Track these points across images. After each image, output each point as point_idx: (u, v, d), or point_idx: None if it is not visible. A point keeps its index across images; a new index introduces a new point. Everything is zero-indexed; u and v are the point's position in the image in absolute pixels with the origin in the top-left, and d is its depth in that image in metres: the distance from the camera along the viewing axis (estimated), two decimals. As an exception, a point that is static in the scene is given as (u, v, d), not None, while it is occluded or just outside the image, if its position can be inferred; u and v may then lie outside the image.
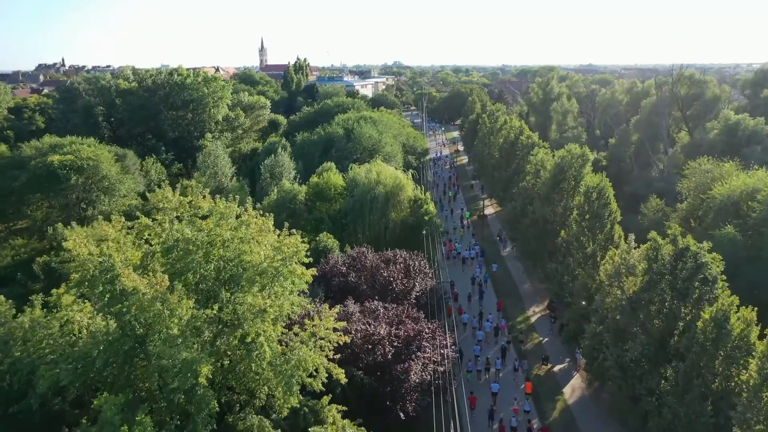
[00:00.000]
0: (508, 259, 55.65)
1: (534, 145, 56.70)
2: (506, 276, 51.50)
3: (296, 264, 21.77)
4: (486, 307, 43.90)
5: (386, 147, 63.13)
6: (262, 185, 53.17)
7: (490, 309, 43.53)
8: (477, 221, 64.38)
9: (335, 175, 51.88)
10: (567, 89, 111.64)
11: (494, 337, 38.90)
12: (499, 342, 38.05)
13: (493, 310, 43.06)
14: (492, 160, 67.59)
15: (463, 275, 51.63)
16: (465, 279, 49.63)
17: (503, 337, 38.72)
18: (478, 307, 43.85)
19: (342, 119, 69.32)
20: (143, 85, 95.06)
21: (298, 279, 22.18)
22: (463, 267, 53.68)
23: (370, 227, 46.83)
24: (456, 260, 54.77)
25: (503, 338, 38.58)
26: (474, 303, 44.82)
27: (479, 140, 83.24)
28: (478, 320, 41.50)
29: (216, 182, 55.95)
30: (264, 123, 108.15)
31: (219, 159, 56.10)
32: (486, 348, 37.35)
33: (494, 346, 38.06)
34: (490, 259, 55.18)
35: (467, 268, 52.90)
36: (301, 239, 23.33)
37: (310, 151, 62.51)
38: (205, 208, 23.25)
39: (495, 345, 38.23)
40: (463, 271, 52.69)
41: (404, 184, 46.98)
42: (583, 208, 35.81)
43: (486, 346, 37.69)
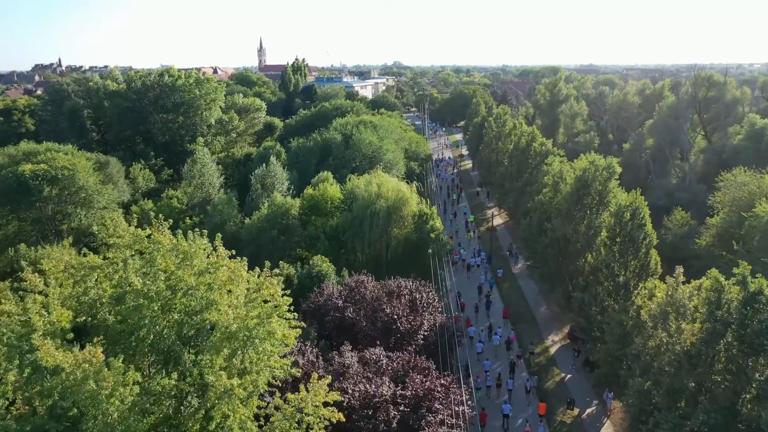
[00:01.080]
0: (520, 277, 51.16)
1: (548, 153, 52.26)
2: (518, 297, 47.02)
3: (276, 322, 17.29)
4: (495, 319, 42.12)
5: (387, 154, 58.66)
6: (253, 197, 48.68)
7: (498, 321, 41.95)
8: (485, 233, 59.86)
9: (332, 187, 47.48)
10: (575, 91, 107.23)
11: (506, 351, 37.27)
12: (511, 356, 36.39)
13: (501, 321, 41.79)
14: (501, 167, 63.09)
15: (468, 282, 49.16)
16: (470, 286, 47.79)
17: (514, 351, 37.22)
18: (485, 319, 42.16)
19: (340, 124, 64.83)
20: (132, 86, 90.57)
21: (278, 342, 17.71)
22: (468, 274, 51.54)
23: (371, 245, 42.39)
24: (459, 265, 52.54)
25: (514, 352, 37.09)
26: (481, 314, 43.14)
27: (485, 145, 78.82)
28: (486, 333, 39.57)
29: (203, 193, 51.48)
30: (259, 126, 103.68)
31: (206, 168, 51.60)
32: (495, 361, 36.09)
33: (505, 361, 36.21)
34: (502, 277, 50.83)
35: (472, 276, 51.06)
36: (292, 263, 18.81)
37: (306, 158, 58.03)
38: (166, 244, 18.70)
39: (506, 359, 36.42)
40: (468, 278, 50.62)
41: (408, 198, 42.52)
42: (614, 230, 31.33)
43: (495, 359, 36.42)
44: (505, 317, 42.36)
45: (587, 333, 33.51)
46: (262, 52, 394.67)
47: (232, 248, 19.65)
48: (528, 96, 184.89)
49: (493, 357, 36.64)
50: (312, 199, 46.79)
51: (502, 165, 64.47)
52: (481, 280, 48.73)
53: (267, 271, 19.82)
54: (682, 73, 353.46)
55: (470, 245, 59.52)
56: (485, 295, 45.21)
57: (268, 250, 42.55)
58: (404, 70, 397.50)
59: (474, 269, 52.09)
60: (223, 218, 45.38)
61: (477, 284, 47.85)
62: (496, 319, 42.04)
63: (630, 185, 58.82)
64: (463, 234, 62.89)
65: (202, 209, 50.22)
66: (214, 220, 45.36)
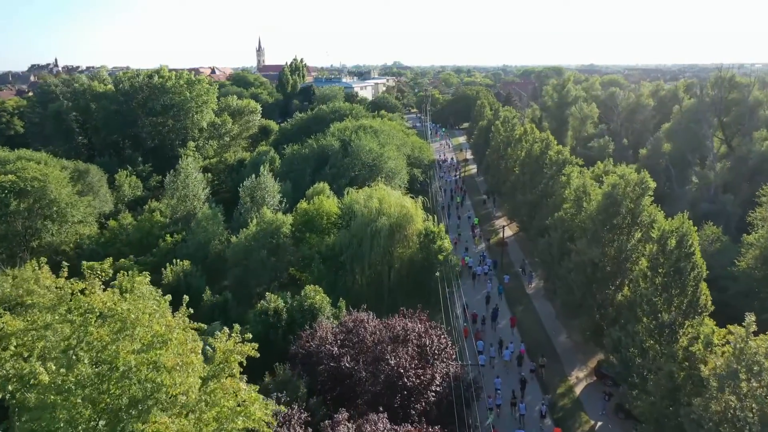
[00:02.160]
0: (535, 298, 46.58)
1: (565, 162, 47.69)
2: (534, 321, 42.45)
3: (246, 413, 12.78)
4: (505, 332, 39.90)
5: (389, 162, 54.14)
6: (241, 211, 44.16)
7: (507, 333, 39.87)
8: (495, 247, 55.31)
9: (328, 201, 42.99)
10: (584, 92, 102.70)
11: (517, 367, 35.17)
12: (522, 372, 34.39)
13: (509, 331, 40.06)
14: (511, 176, 58.50)
15: (473, 291, 46.42)
16: (476, 295, 44.91)
17: (526, 366, 35.07)
18: (493, 332, 40.28)
19: (338, 129, 60.27)
20: (120, 88, 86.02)
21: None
22: (474, 283, 48.75)
23: (371, 267, 37.86)
24: (464, 273, 49.15)
25: (526, 366, 35.00)
26: (488, 326, 41.04)
27: (492, 150, 74.21)
28: (497, 349, 37.51)
29: (186, 207, 46.92)
30: (254, 129, 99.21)
31: (190, 178, 47.05)
32: (507, 378, 33.74)
33: (516, 376, 34.10)
34: (512, 296, 46.33)
35: (478, 284, 48.52)
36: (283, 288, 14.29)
37: (300, 167, 53.49)
38: (98, 305, 14.17)
39: (517, 374, 34.40)
40: (474, 287, 47.81)
41: (412, 215, 37.98)
42: (657, 260, 26.76)
43: (506, 375, 34.25)
44: (513, 326, 40.60)
45: (622, 377, 28.94)
46: (261, 52, 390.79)
47: (216, 271, 16.03)
48: (533, 97, 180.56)
49: (504, 373, 34.64)
50: (306, 215, 42.32)
51: (512, 173, 59.88)
52: (488, 288, 46.72)
53: (236, 336, 15.23)
54: (685, 72, 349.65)
55: (475, 250, 57.67)
56: (493, 307, 42.68)
57: (256, 273, 38.22)
58: (404, 70, 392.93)
59: (481, 277, 49.72)
60: (208, 236, 40.90)
61: (484, 293, 45.65)
62: (506, 334, 39.65)
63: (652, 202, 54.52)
64: (466, 237, 60.58)
65: (186, 224, 45.72)
66: (198, 238, 40.86)
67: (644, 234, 32.36)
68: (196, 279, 35.82)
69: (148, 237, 45.07)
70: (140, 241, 45.10)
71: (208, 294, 33.59)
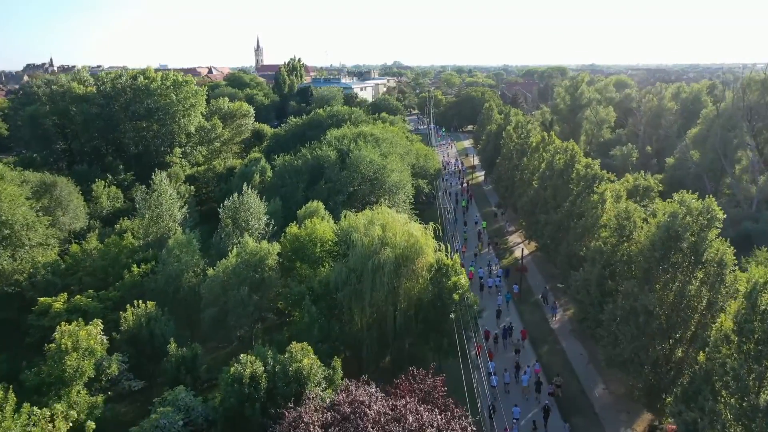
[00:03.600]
0: (561, 334, 40.42)
1: (595, 178, 41.48)
2: (562, 365, 36.27)
3: None
4: (522, 355, 36.90)
5: (392, 175, 47.95)
6: (221, 235, 37.94)
7: (525, 356, 36.95)
8: (513, 271, 49.10)
9: (323, 225, 36.79)
10: (598, 94, 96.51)
11: (536, 393, 32.47)
12: (541, 398, 31.84)
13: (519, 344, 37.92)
14: (529, 190, 52.30)
15: (481, 302, 41.13)
16: (485, 308, 39.75)
17: (544, 391, 32.41)
18: (504, 349, 37.97)
19: (335, 136, 54.05)
20: (102, 90, 79.75)
21: None
22: (481, 294, 45.70)
23: (372, 307, 31.62)
24: (472, 282, 45.79)
25: (544, 391, 32.43)
26: (501, 345, 38.52)
27: (503, 158, 68.09)
28: (513, 373, 34.48)
29: (160, 229, 40.68)
30: (247, 134, 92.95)
31: (165, 196, 40.84)
32: (525, 404, 31.59)
33: (534, 402, 31.95)
34: (535, 333, 40.27)
35: (487, 295, 45.83)
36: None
37: (292, 181, 47.27)
38: None
39: (535, 401, 32.07)
40: (481, 297, 43.90)
41: (422, 245, 31.75)
42: (746, 321, 20.58)
43: (524, 402, 32.00)
44: (524, 339, 38.61)
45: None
46: (259, 52, 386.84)
47: (190, 309, 10.90)
48: (541, 98, 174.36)
49: (522, 400, 32.19)
50: (297, 241, 36.12)
51: (529, 186, 53.74)
52: (499, 302, 44.01)
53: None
54: (688, 73, 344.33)
55: (482, 257, 55.08)
56: (504, 324, 40.05)
57: (236, 314, 32.04)
58: (404, 70, 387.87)
59: (492, 289, 47.14)
60: (180, 267, 34.68)
61: (495, 307, 42.99)
62: (524, 357, 36.77)
63: None
64: (474, 243, 58.23)
65: (159, 249, 39.43)
66: (168, 270, 34.64)
67: (708, 275, 26.24)
68: (160, 325, 29.64)
69: (115, 265, 38.87)
70: (105, 269, 38.91)
71: (173, 347, 27.40)
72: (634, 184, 47.58)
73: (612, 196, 38.21)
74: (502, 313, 42.42)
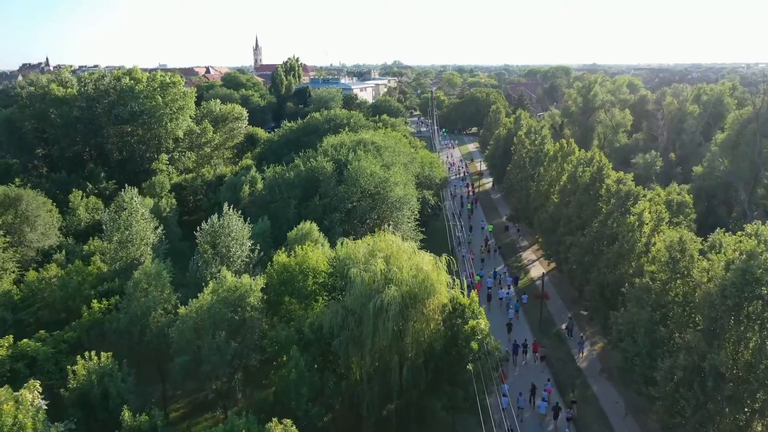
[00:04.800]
0: (591, 376, 35.11)
1: (630, 194, 36.10)
2: (595, 418, 31.00)
3: None
4: (535, 373, 34.41)
5: (396, 189, 42.65)
6: (198, 263, 32.57)
7: (536, 372, 34.67)
8: (531, 298, 43.76)
9: (316, 252, 31.54)
10: (611, 96, 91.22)
11: (554, 420, 30.13)
12: (559, 426, 29.79)
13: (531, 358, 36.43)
14: (548, 205, 46.97)
15: (489, 315, 37.28)
16: (494, 322, 35.76)
17: (562, 419, 29.95)
18: (515, 367, 35.67)
19: (332, 144, 48.71)
20: (84, 91, 74.45)
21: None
22: (488, 305, 43.47)
23: (374, 356, 26.38)
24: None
25: (562, 417, 29.99)
26: (512, 363, 35.86)
27: (515, 166, 62.79)
28: (528, 398, 31.83)
29: (129, 254, 35.31)
30: (240, 138, 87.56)
31: (135, 217, 35.49)
32: None
33: None
34: (560, 375, 35.02)
35: (495, 306, 43.71)
36: None
37: (284, 196, 41.91)
38: None
39: None
40: (489, 309, 41.99)
41: (433, 282, 26.42)
42: None
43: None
44: (535, 352, 36.66)
45: None
46: (258, 51, 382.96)
47: (157, 354, 6.47)
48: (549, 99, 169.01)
49: (538, 426, 30.38)
50: (285, 272, 30.82)
51: (547, 199, 48.47)
52: (510, 315, 41.77)
53: None
54: (691, 72, 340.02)
55: (489, 263, 52.96)
56: (519, 343, 36.81)
57: (211, 363, 26.71)
58: (405, 70, 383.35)
59: (497, 298, 44.90)
60: (148, 303, 29.35)
61: (503, 319, 40.57)
62: (538, 376, 34.01)
63: (708, 227, 43.37)
64: (477, 245, 56.63)
65: (129, 276, 34.06)
66: (134, 307, 29.34)
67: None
68: (116, 383, 24.33)
69: (77, 296, 33.59)
70: (65, 301, 33.64)
71: (127, 416, 22.11)
72: (666, 199, 42.22)
73: (653, 217, 32.85)
74: (513, 327, 39.61)
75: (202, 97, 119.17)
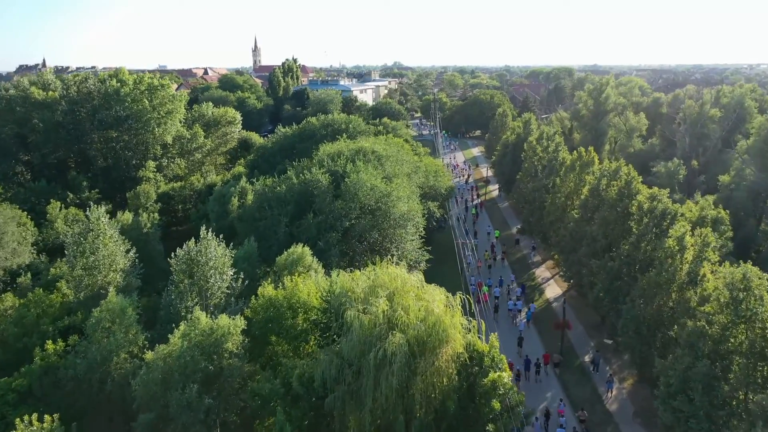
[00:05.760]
0: (622, 420, 30.68)
1: (666, 214, 31.73)
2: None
3: None
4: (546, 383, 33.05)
5: (399, 204, 38.29)
6: (171, 297, 28.14)
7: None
8: (552, 329, 39.29)
9: (308, 283, 27.16)
10: (624, 99, 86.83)
11: None
12: None
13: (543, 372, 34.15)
14: (567, 221, 42.59)
15: (496, 327, 37.79)
16: (503, 336, 31.25)
17: None
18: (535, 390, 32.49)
19: (328, 154, 44.32)
20: (67, 94, 70.14)
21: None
22: (496, 316, 41.31)
23: (376, 414, 22.01)
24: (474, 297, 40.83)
25: None
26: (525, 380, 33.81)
27: (526, 174, 58.46)
28: (543, 423, 29.48)
29: (96, 282, 30.89)
30: (233, 143, 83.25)
31: (102, 241, 31.08)
32: None
33: None
34: (589, 422, 30.60)
35: (505, 318, 41.28)
36: None
37: (274, 213, 37.52)
38: None
39: None
40: (496, 320, 40.59)
41: (446, 327, 22.03)
42: None
43: None
44: (546, 363, 34.73)
45: None
46: (257, 52, 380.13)
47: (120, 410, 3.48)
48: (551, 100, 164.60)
49: None
50: (271, 307, 26.44)
51: (564, 213, 44.14)
52: (521, 327, 39.18)
53: None
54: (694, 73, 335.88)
55: (495, 270, 50.42)
56: (531, 358, 34.29)
57: (180, 423, 22.36)
58: (405, 71, 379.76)
59: (504, 309, 42.36)
60: (110, 347, 24.99)
61: (514, 333, 38.00)
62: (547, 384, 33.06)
63: (739, 242, 39.25)
64: (484, 249, 54.92)
65: (98, 304, 29.51)
66: (92, 352, 24.97)
67: None
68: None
69: (33, 333, 29.25)
70: (20, 338, 29.26)
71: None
72: (699, 215, 37.82)
73: (696, 242, 28.44)
74: (524, 341, 37.23)
75: (197, 100, 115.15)
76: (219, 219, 49.68)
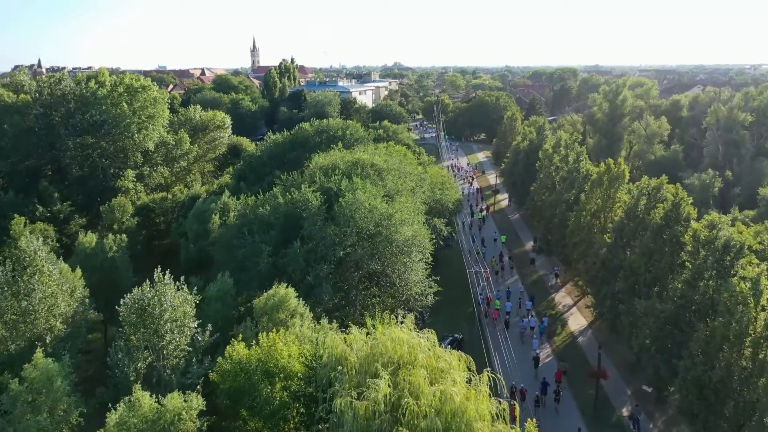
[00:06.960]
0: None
1: (729, 248, 25.96)
2: None
3: None
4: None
5: (402, 228, 32.51)
6: (118, 355, 22.36)
7: None
8: (588, 379, 33.42)
9: (289, 345, 21.37)
10: (642, 102, 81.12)
11: None
12: None
13: None
14: (596, 245, 36.78)
15: (510, 346, 36.63)
16: (517, 356, 33.82)
17: None
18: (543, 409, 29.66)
19: (320, 167, 38.57)
20: (39, 97, 64.42)
21: None
22: (507, 332, 38.77)
23: None
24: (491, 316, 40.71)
25: None
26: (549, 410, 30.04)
27: (542, 186, 52.80)
28: None
29: (32, 331, 25.08)
30: (222, 149, 77.52)
31: (38, 279, 25.25)
32: None
33: None
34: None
35: (513, 334, 38.36)
36: None
37: (255, 240, 31.69)
38: None
39: None
40: (509, 339, 37.92)
41: (470, 419, 16.29)
42: None
43: None
44: (558, 381, 32.01)
45: None
46: (255, 53, 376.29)
47: None
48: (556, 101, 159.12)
49: None
50: (242, 373, 20.67)
51: (589, 234, 38.42)
52: (534, 346, 36.42)
53: None
54: (698, 74, 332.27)
55: (503, 280, 48.39)
56: (554, 390, 31.01)
57: None
58: (405, 72, 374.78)
59: (524, 330, 38.95)
60: (29, 428, 19.22)
61: (528, 353, 35.47)
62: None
63: None
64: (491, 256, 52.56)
65: (30, 359, 23.68)
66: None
67: None
68: None
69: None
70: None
71: None
72: (757, 239, 32.01)
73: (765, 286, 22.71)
74: (540, 362, 34.62)
75: (190, 101, 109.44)
76: (198, 239, 44.09)
